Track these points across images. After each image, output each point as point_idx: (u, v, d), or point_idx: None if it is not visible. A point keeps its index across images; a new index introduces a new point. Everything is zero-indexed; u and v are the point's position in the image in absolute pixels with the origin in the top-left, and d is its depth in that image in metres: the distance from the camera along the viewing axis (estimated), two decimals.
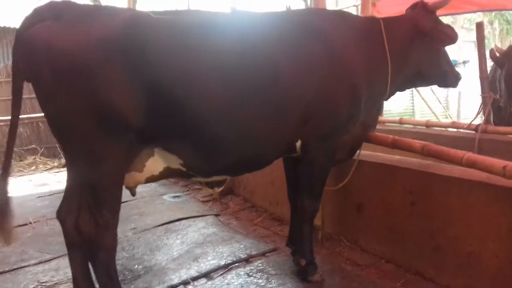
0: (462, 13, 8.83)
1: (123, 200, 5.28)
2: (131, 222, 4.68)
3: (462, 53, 14.27)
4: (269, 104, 2.68)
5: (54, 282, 3.43)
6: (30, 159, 8.70)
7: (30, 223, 4.78)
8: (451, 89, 13.33)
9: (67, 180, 2.65)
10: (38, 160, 8.67)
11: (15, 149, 8.07)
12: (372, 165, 3.48)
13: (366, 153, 3.61)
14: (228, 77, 2.54)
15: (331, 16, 3.11)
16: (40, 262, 3.80)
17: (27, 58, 2.30)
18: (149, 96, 2.37)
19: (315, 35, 2.86)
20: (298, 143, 2.96)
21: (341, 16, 3.22)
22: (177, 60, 2.42)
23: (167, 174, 2.74)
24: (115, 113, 2.33)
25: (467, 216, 2.83)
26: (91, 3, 9.39)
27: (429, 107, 10.82)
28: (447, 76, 3.41)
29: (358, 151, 3.43)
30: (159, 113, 2.43)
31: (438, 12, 3.31)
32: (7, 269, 3.68)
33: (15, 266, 3.73)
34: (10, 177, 2.58)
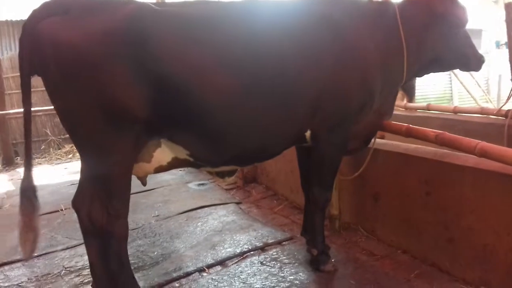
0: None
1: (149, 188, 5.48)
2: (155, 209, 4.81)
3: (505, 34, 13.55)
4: (277, 95, 2.66)
5: (78, 267, 3.58)
6: (67, 147, 9.01)
7: (62, 209, 4.98)
8: (491, 72, 12.80)
9: (81, 171, 2.74)
10: (75, 148, 8.96)
11: (53, 137, 8.38)
12: (387, 154, 3.41)
13: (381, 141, 3.54)
14: (234, 69, 2.53)
15: (342, 3, 3.02)
16: (67, 248, 3.97)
17: (37, 53, 2.36)
18: (154, 88, 2.39)
19: (325, 24, 2.80)
20: (308, 133, 2.93)
21: (353, 2, 3.13)
22: (181, 52, 2.42)
23: (175, 164, 2.78)
24: (121, 106, 2.37)
25: (482, 208, 2.73)
26: None
27: (468, 91, 10.43)
28: (468, 60, 3.27)
29: (373, 140, 3.36)
30: (164, 105, 2.45)
31: None
32: (36, 254, 3.85)
33: (44, 252, 3.91)
34: (33, 168, 2.71)
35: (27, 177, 2.63)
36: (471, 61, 3.25)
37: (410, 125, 3.07)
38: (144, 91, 2.39)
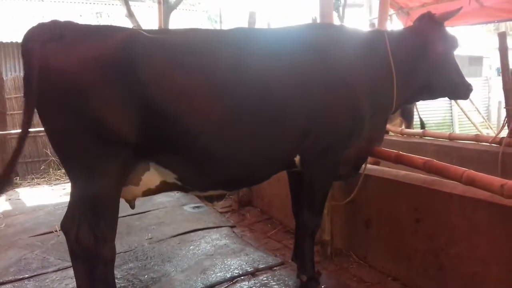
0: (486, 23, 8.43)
1: (145, 210, 5.46)
2: (149, 232, 4.79)
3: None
4: (264, 121, 2.69)
5: None
6: None
7: (56, 231, 4.97)
8: (492, 99, 12.85)
9: (70, 193, 2.76)
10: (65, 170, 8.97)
11: (53, 158, 8.38)
12: (378, 180, 3.41)
13: (372, 167, 3.55)
14: (222, 95, 2.57)
15: (330, 31, 3.08)
16: (59, 270, 3.94)
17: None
18: (143, 113, 2.43)
19: (312, 51, 2.85)
20: (297, 159, 2.94)
21: (342, 30, 3.19)
22: (170, 78, 2.47)
23: (164, 188, 2.79)
24: (110, 131, 2.41)
25: (471, 236, 2.72)
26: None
27: (468, 118, 10.47)
28: (458, 88, 3.32)
29: (364, 165, 3.37)
30: (152, 130, 2.49)
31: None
32: (27, 275, 3.84)
33: (35, 273, 3.88)
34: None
35: None
36: (460, 89, 3.30)
37: (400, 152, 3.08)
38: (133, 116, 2.43)
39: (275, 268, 3.70)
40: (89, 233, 2.61)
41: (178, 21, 12.86)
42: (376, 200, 3.47)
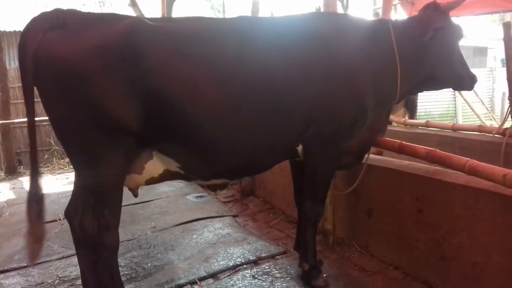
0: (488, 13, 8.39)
1: (148, 199, 5.49)
2: (152, 220, 4.82)
3: None
4: (267, 110, 2.69)
5: (72, 277, 3.58)
6: None
7: (59, 219, 5.00)
8: (496, 90, 12.80)
9: (74, 181, 2.78)
10: (68, 158, 9.02)
11: (56, 147, 8.40)
12: (380, 170, 3.42)
13: (375, 157, 3.55)
14: (224, 84, 2.57)
15: (334, 20, 3.07)
16: (63, 257, 3.98)
17: (33, 66, 2.40)
18: (146, 101, 2.43)
19: (316, 40, 2.84)
20: (300, 148, 2.95)
21: (345, 19, 3.18)
22: (173, 66, 2.47)
23: (167, 176, 2.80)
24: (114, 119, 2.41)
25: (473, 226, 2.73)
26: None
27: (471, 109, 10.41)
28: (462, 79, 3.30)
29: (366, 155, 3.37)
30: (155, 118, 2.49)
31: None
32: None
33: (39, 261, 3.88)
34: (40, 177, 2.68)
35: (35, 186, 2.57)
36: (464, 80, 3.28)
37: (403, 142, 3.09)
38: (136, 104, 2.43)
39: (277, 257, 3.73)
40: (93, 221, 2.62)
41: (181, 11, 12.80)
42: (378, 190, 3.48)
